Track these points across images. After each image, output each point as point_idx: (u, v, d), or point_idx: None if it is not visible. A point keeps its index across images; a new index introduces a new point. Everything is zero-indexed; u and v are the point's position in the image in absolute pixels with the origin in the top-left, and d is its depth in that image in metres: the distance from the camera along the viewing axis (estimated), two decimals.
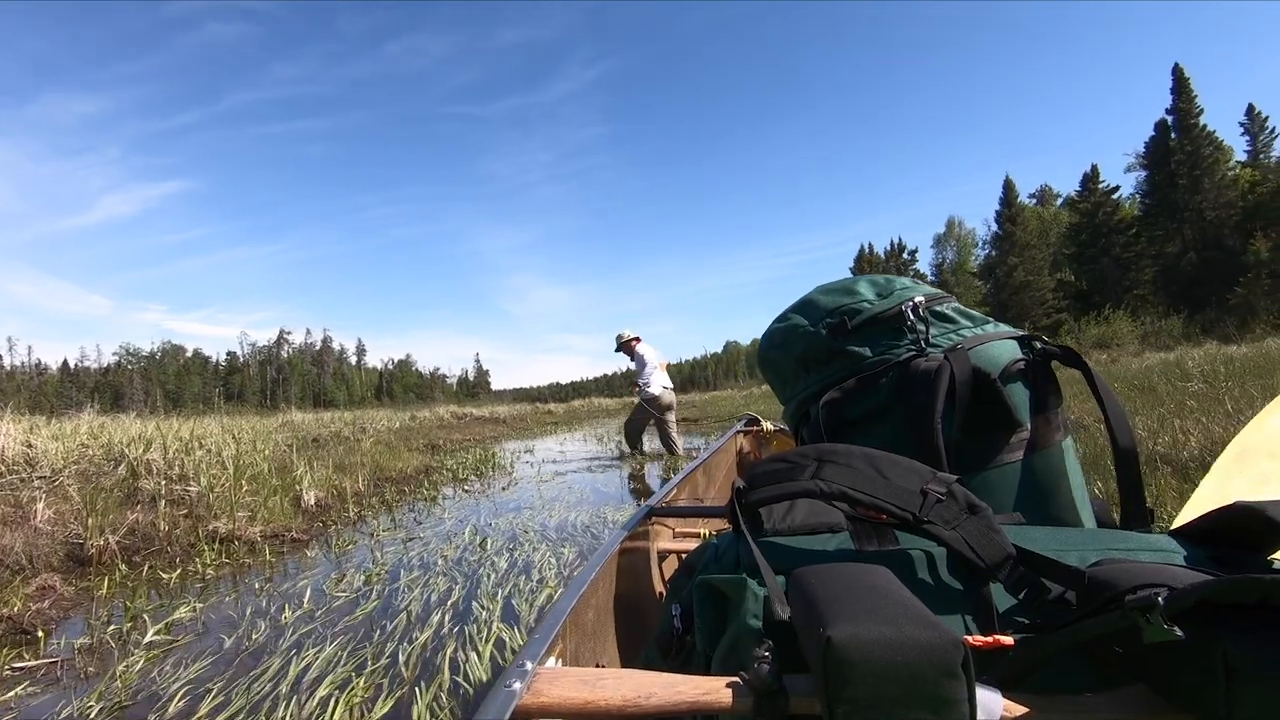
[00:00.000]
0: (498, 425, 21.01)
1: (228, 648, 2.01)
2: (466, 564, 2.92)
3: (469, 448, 12.51)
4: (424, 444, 12.40)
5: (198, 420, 11.14)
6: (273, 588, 2.68)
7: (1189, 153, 37.71)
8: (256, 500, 4.07)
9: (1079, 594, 0.54)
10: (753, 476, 0.69)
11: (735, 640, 0.58)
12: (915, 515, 0.61)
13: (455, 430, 17.44)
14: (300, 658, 1.88)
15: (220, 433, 6.39)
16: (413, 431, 15.53)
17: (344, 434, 12.51)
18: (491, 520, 4.04)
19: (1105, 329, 26.43)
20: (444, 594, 2.46)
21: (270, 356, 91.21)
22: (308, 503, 4.53)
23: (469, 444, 13.50)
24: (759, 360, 1.06)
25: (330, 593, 2.53)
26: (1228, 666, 0.42)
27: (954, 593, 0.59)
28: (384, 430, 14.93)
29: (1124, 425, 0.79)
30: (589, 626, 1.02)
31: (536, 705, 0.56)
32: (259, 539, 3.58)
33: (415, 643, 1.95)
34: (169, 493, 4.24)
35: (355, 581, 2.68)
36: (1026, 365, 0.83)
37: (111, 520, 3.43)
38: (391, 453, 8.02)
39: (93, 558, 3.22)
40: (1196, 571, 0.52)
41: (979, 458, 0.81)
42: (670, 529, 1.68)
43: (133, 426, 7.08)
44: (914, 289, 0.91)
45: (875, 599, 0.48)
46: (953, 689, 0.42)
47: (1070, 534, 0.66)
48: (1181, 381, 5.91)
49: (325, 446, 8.96)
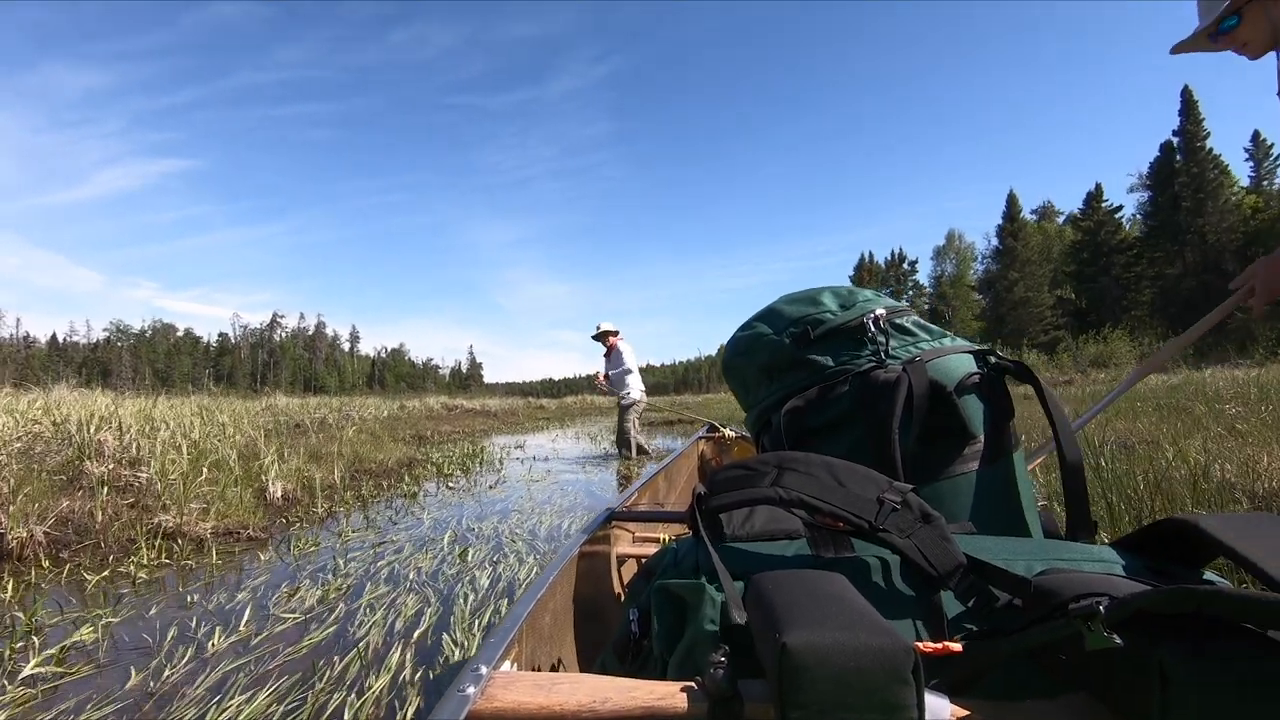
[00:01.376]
0: (488, 419, 20.56)
1: (128, 688, 1.58)
2: (443, 579, 2.50)
3: (457, 441, 12.07)
4: (411, 435, 11.94)
5: (180, 400, 10.68)
6: (209, 601, 2.25)
7: (1194, 175, 37.65)
8: (214, 491, 3.63)
9: (1025, 602, 0.54)
10: (713, 482, 0.71)
11: (692, 645, 0.58)
12: (871, 523, 0.62)
13: (444, 422, 16.96)
14: (219, 711, 1.46)
15: (190, 415, 5.92)
16: (400, 421, 15.05)
17: (329, 421, 12.04)
18: (475, 524, 3.62)
19: (1103, 348, 26.17)
20: (412, 619, 2.04)
21: (262, 339, 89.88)
22: (273, 495, 4.10)
23: (457, 437, 13.06)
24: (723, 367, 1.06)
25: (276, 613, 2.11)
26: (1163, 675, 0.43)
27: (906, 600, 0.60)
28: (371, 419, 14.45)
29: (1070, 439, 0.80)
30: (546, 630, 1.01)
31: (490, 710, 0.55)
32: (209, 536, 3.14)
33: (368, 694, 1.53)
34: (117, 478, 3.80)
35: (309, 598, 2.25)
36: (981, 379, 0.85)
37: (40, 508, 2.99)
38: (374, 443, 7.57)
39: (13, 551, 2.79)
40: (1135, 582, 0.54)
41: (934, 468, 0.82)
42: (630, 533, 1.64)
43: (99, 403, 6.61)
44: (876, 301, 0.92)
45: (830, 606, 0.49)
46: (902, 694, 0.43)
47: (1018, 544, 0.67)
48: (1217, 404, 5.56)
49: (306, 433, 8.50)
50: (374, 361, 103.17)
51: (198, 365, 79.10)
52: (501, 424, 19.00)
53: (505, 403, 34.08)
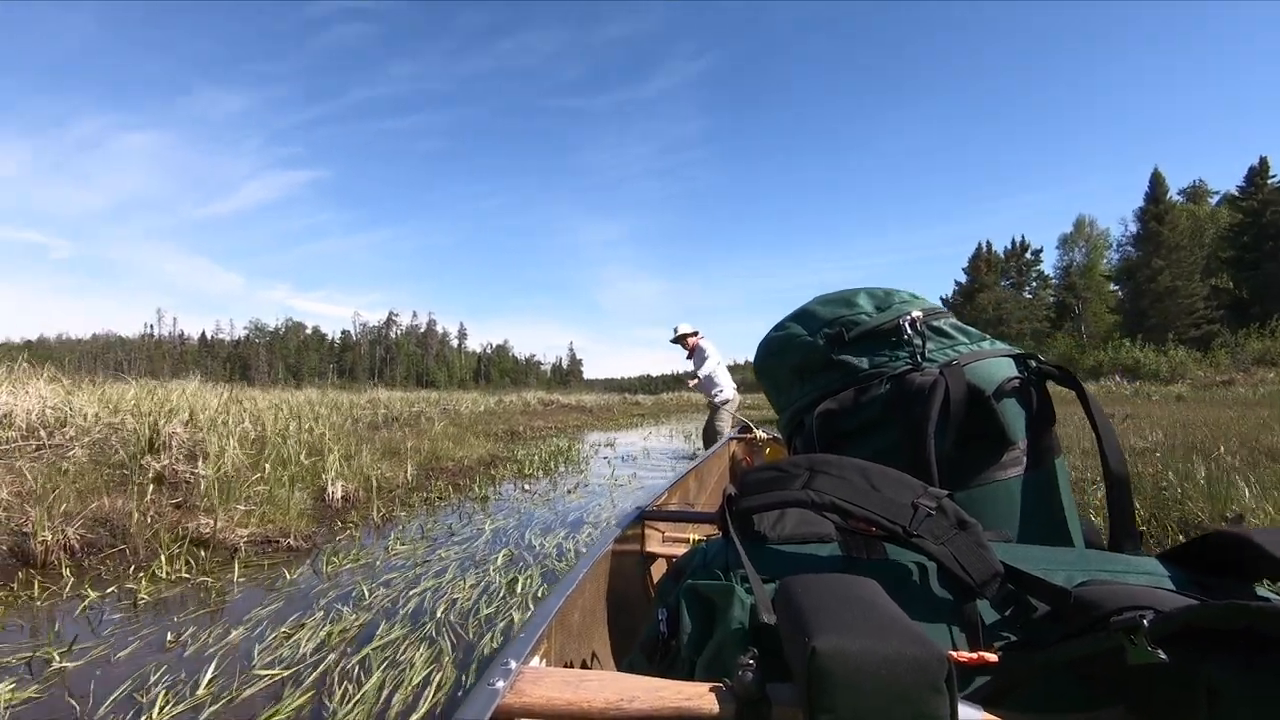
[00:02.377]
0: (583, 414, 20.46)
1: None
2: (475, 623, 1.97)
3: (549, 436, 11.86)
4: (503, 430, 11.82)
5: (292, 393, 11.11)
6: (198, 638, 1.84)
7: None
8: (263, 491, 3.34)
9: (1065, 613, 0.53)
10: (744, 484, 0.70)
11: (720, 646, 0.57)
12: (905, 529, 0.60)
13: (538, 417, 16.93)
14: None
15: (268, 407, 5.86)
16: (495, 416, 15.13)
17: (426, 414, 12.13)
18: (539, 539, 3.10)
19: (1270, 343, 22.30)
20: (414, 693, 1.51)
21: (380, 336, 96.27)
22: (333, 496, 3.79)
23: (549, 433, 12.85)
24: (755, 368, 1.03)
25: (257, 664, 1.65)
26: (1211, 691, 0.43)
27: (940, 608, 0.59)
28: (466, 412, 14.59)
29: (1115, 448, 0.78)
30: (575, 627, 0.99)
31: (519, 705, 0.55)
32: (243, 544, 2.81)
33: None
34: (173, 474, 3.61)
35: (306, 643, 1.79)
36: (1021, 384, 0.82)
37: (71, 509, 2.75)
38: (458, 439, 7.33)
39: (38, 556, 2.55)
40: (1183, 596, 0.53)
41: (970, 474, 0.80)
42: (661, 532, 1.65)
43: (190, 394, 6.78)
44: (912, 303, 0.89)
45: (862, 611, 0.48)
46: (936, 704, 0.42)
47: (1058, 553, 0.66)
48: None
49: (393, 427, 8.45)
50: (480, 357, 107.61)
51: (323, 360, 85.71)
52: (595, 420, 18.80)
53: (601, 398, 34.30)
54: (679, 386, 40.38)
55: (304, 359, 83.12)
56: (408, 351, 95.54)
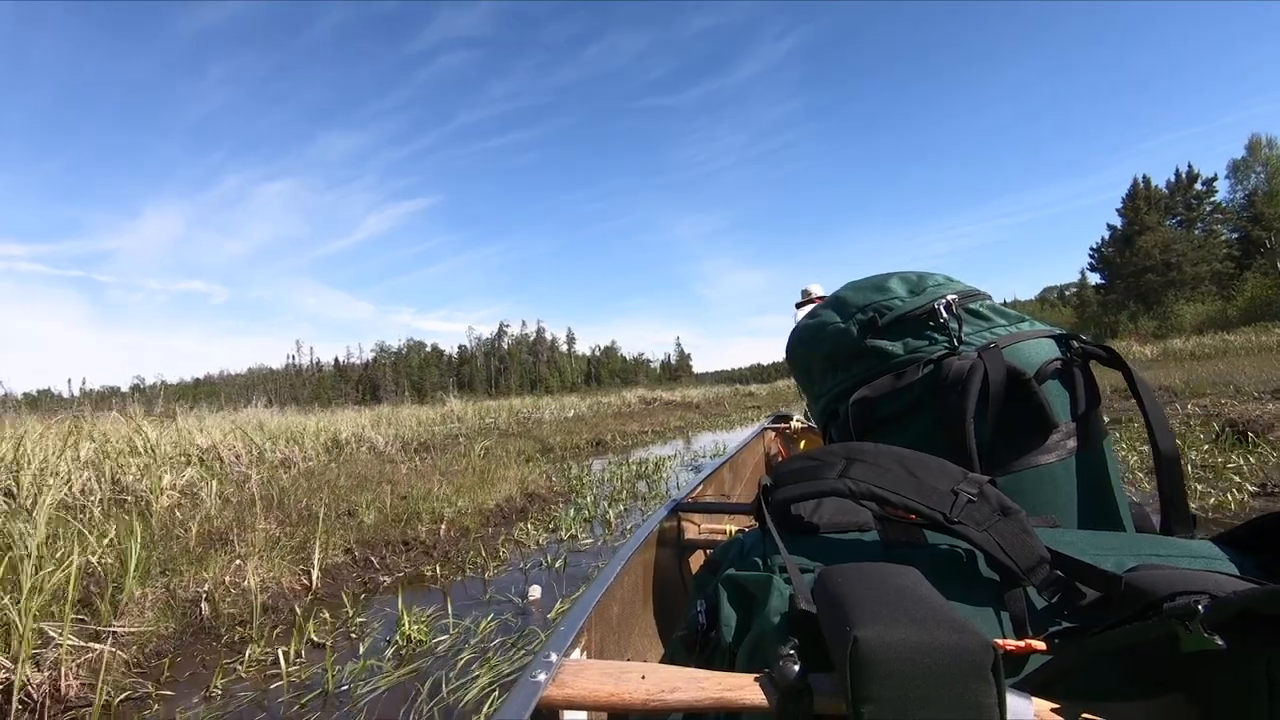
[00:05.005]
0: (688, 411, 18.99)
1: None
2: None
3: (644, 443, 10.59)
4: (587, 440, 10.67)
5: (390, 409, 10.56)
6: None
7: None
8: None
9: (1115, 600, 0.52)
10: (780, 474, 0.69)
11: (760, 637, 0.56)
12: (946, 516, 0.59)
13: (635, 419, 15.61)
14: None
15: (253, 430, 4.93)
16: (583, 422, 13.99)
17: (500, 424, 11.16)
18: None
19: None
20: None
21: (493, 348, 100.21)
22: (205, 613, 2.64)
23: (645, 439, 11.55)
24: (787, 356, 1.02)
25: None
26: (1272, 680, 0.42)
27: (985, 595, 0.57)
28: (550, 420, 13.58)
29: (1165, 428, 0.75)
30: (614, 620, 1.00)
31: (561, 697, 0.55)
32: None
33: None
34: None
35: None
36: (1064, 365, 0.80)
37: None
38: (496, 468, 5.95)
39: None
40: (1241, 580, 0.51)
41: (1012, 458, 0.77)
42: (696, 525, 1.60)
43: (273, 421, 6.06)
44: (947, 286, 0.87)
45: (903, 600, 0.46)
46: (983, 693, 0.41)
47: (1107, 538, 0.63)
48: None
49: (425, 453, 7.42)
50: (589, 360, 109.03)
51: (443, 375, 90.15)
52: (703, 416, 17.28)
53: (711, 391, 32.72)
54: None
55: (426, 375, 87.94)
56: (520, 360, 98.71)
